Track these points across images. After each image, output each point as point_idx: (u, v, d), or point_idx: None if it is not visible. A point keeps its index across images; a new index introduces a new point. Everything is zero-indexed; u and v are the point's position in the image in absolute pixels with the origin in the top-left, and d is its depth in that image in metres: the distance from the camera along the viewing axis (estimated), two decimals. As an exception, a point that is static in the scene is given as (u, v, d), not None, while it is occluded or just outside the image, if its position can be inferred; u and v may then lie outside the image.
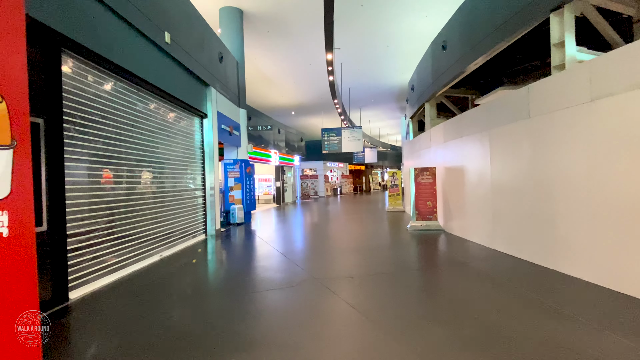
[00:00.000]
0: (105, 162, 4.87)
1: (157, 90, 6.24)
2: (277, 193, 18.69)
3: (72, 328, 3.29)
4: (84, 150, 4.47)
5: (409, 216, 11.43)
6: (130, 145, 5.50)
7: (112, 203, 5.05)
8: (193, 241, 7.70)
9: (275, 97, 20.97)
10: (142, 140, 5.90)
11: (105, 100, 4.90)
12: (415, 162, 11.22)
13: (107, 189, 4.95)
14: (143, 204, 5.88)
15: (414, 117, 14.11)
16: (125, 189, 5.33)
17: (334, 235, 8.52)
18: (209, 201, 8.57)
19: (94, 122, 4.64)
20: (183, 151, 7.55)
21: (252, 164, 11.51)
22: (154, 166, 6.25)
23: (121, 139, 5.24)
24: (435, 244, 6.88)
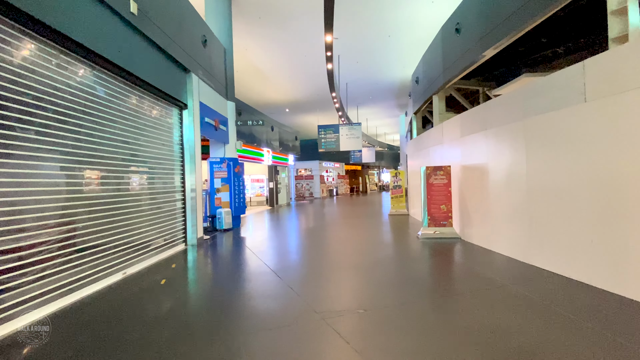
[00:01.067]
0: (50, 159, 3.70)
1: (123, 72, 5.09)
2: (270, 194, 17.54)
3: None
4: (17, 142, 3.30)
5: (414, 220, 10.36)
6: (88, 138, 4.34)
7: (63, 210, 3.89)
8: (169, 253, 6.53)
9: (269, 93, 19.81)
10: (103, 133, 4.74)
11: (45, 77, 3.74)
12: (422, 161, 10.17)
13: (52, 192, 3.78)
14: (105, 209, 4.72)
15: (418, 113, 13.07)
16: (79, 192, 4.17)
17: (334, 245, 7.41)
18: (189, 205, 7.41)
19: (29, 105, 3.47)
20: (158, 147, 6.39)
21: (241, 163, 10.36)
22: (119, 164, 5.09)
23: (73, 129, 4.07)
24: (455, 257, 5.79)
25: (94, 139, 4.60)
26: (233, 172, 9.92)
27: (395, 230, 9.08)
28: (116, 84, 5.21)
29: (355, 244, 7.20)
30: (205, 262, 6.15)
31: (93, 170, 4.61)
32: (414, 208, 11.42)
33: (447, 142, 7.99)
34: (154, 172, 6.24)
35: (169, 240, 6.67)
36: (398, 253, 6.33)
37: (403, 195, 12.16)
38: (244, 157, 13.50)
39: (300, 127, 28.47)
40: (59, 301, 3.79)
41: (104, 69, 4.87)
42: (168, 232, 6.67)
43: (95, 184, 4.66)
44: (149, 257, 5.84)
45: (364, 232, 8.91)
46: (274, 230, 9.79)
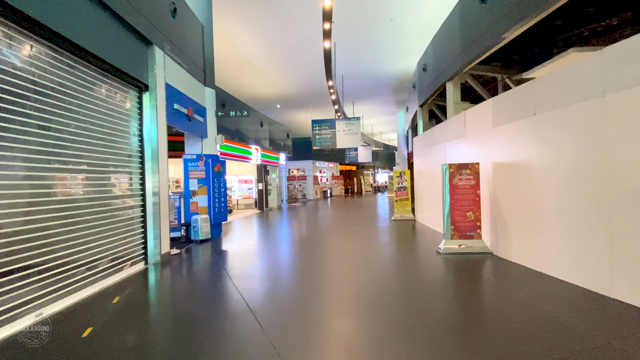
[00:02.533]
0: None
1: (52, 35, 3.54)
2: (259, 197, 15.97)
3: None
4: None
5: (424, 227, 8.91)
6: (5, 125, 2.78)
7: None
8: (120, 276, 4.95)
9: (258, 86, 18.24)
10: (27, 118, 3.20)
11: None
12: (434, 159, 8.74)
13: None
14: (27, 221, 3.15)
15: (425, 105, 11.66)
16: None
17: (333, 265, 5.90)
18: (150, 213, 5.84)
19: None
20: (107, 139, 4.83)
21: (223, 161, 8.79)
22: (49, 161, 3.52)
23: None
24: (499, 283, 4.33)
25: (12, 126, 3.02)
26: (212, 172, 8.35)
27: (406, 241, 7.61)
28: (49, 55, 3.64)
29: (361, 264, 5.70)
30: (161, 293, 4.58)
31: (10, 169, 3.04)
32: (422, 212, 10.00)
33: (471, 135, 6.55)
34: (101, 171, 4.67)
35: (120, 260, 5.09)
36: (420, 278, 4.84)
37: (409, 197, 10.72)
38: (228, 154, 11.92)
39: (293, 124, 26.92)
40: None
41: (26, 31, 3.31)
42: (119, 249, 5.09)
43: (12, 188, 3.09)
44: (87, 285, 4.26)
45: (369, 244, 7.42)
46: (260, 242, 8.23)
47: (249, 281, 4.77)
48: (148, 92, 5.89)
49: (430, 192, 8.94)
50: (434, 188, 8.55)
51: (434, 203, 8.58)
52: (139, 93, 5.85)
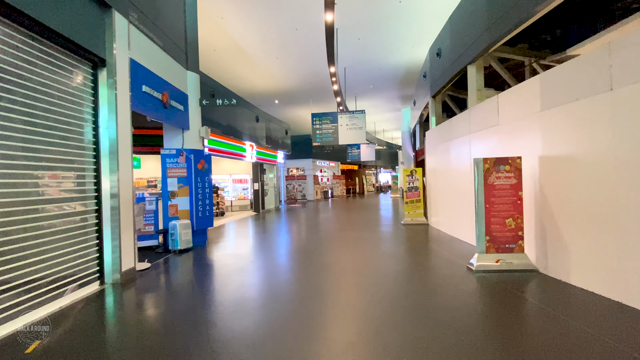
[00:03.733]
0: None
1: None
2: (254, 198, 14.77)
3: None
4: None
5: (440, 234, 7.70)
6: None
7: None
8: (58, 305, 3.74)
9: (253, 79, 17.04)
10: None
11: None
12: (451, 156, 7.53)
13: None
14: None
15: (438, 96, 10.45)
16: None
17: (339, 288, 4.69)
18: (108, 219, 4.64)
19: None
20: (46, 125, 3.63)
21: (207, 156, 7.58)
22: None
23: None
24: (568, 321, 3.11)
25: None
26: (195, 169, 7.15)
27: (424, 252, 6.40)
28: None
29: (375, 287, 4.49)
30: (106, 332, 3.36)
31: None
32: (437, 216, 8.79)
33: (506, 123, 5.34)
34: (38, 167, 3.47)
35: (63, 282, 3.89)
36: (453, 307, 3.62)
37: (421, 199, 9.51)
38: (219, 151, 10.72)
39: (292, 121, 25.71)
40: None
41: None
42: (62, 267, 3.89)
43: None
44: (3, 321, 3.07)
45: (381, 257, 6.21)
46: (251, 253, 7.02)
47: (232, 313, 3.57)
48: (105, 69, 4.69)
49: (448, 193, 7.74)
50: (453, 188, 7.35)
51: (453, 206, 7.38)
52: (93, 69, 4.65)
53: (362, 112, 12.07)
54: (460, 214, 6.98)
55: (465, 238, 6.80)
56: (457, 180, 7.15)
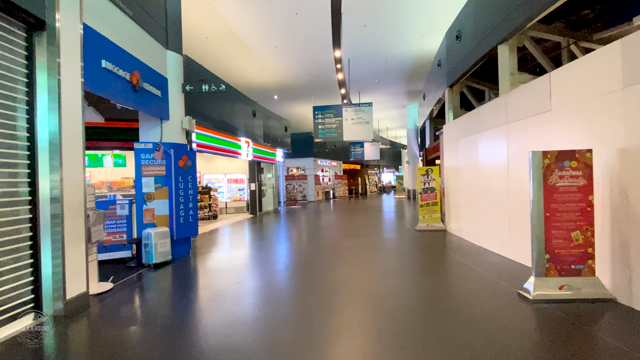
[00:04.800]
0: None
1: None
2: (251, 199, 13.63)
3: None
4: None
5: (464, 243, 6.55)
6: None
7: None
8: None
9: (251, 71, 15.91)
10: None
11: None
12: (477, 151, 6.40)
13: None
14: None
15: (456, 86, 9.31)
16: None
17: (353, 322, 3.56)
18: (47, 231, 3.51)
19: None
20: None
21: (192, 152, 6.44)
22: None
23: None
24: None
25: None
26: (175, 167, 6.02)
27: (452, 269, 5.25)
28: None
29: (397, 322, 3.35)
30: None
31: None
32: (457, 222, 7.66)
33: (564, 107, 4.19)
34: None
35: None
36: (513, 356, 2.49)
37: (438, 202, 8.36)
38: (210, 147, 9.59)
39: (292, 118, 24.58)
40: None
41: None
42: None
43: None
44: None
45: (400, 275, 5.06)
46: (243, 268, 5.89)
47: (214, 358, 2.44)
48: (45, 34, 3.55)
49: (474, 196, 6.61)
50: (482, 190, 6.21)
51: (481, 210, 6.24)
52: (29, 34, 3.52)
53: (369, 105, 10.93)
54: (492, 221, 5.84)
55: (500, 250, 5.66)
56: (488, 180, 6.02)
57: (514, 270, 4.74)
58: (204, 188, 11.72)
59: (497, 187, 5.67)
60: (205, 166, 14.16)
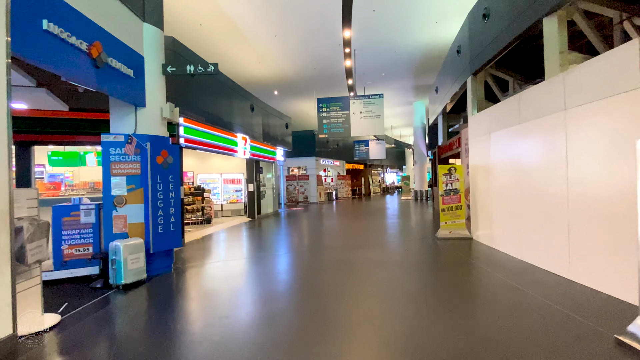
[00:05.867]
0: None
1: None
2: (249, 201, 12.53)
3: None
4: None
5: (500, 256, 5.43)
6: None
7: None
8: None
9: (249, 64, 14.81)
10: None
11: None
12: (518, 147, 5.30)
13: None
14: None
15: (481, 74, 8.21)
16: None
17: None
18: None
19: None
20: None
21: (174, 146, 5.34)
22: None
23: None
24: None
25: None
26: (153, 164, 4.93)
27: (501, 293, 4.13)
28: None
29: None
30: None
31: None
32: (486, 229, 6.57)
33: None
34: None
35: None
36: None
37: (462, 205, 7.27)
38: (201, 143, 8.50)
39: (293, 115, 23.50)
40: None
41: None
42: None
43: None
44: None
45: (435, 307, 3.96)
46: (233, 292, 4.80)
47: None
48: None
49: (513, 199, 5.51)
50: (527, 192, 5.11)
51: (527, 217, 5.14)
52: None
53: (380, 97, 9.83)
54: (543, 231, 4.74)
55: (554, 268, 4.55)
56: (536, 180, 4.92)
57: (586, 299, 3.64)
58: (197, 189, 10.64)
59: (549, 189, 4.58)
60: (199, 165, 13.07)
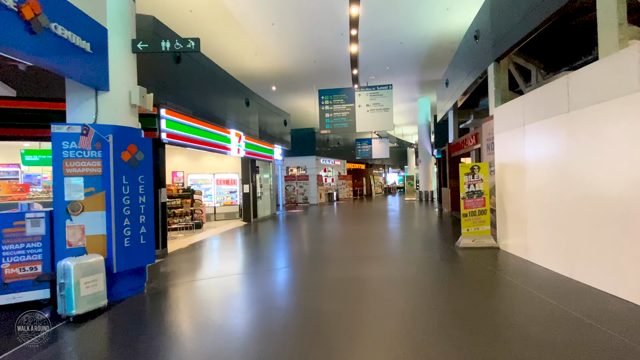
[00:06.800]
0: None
1: None
2: (244, 203, 11.57)
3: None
4: None
5: (540, 271, 4.45)
6: None
7: None
8: None
9: (245, 56, 13.84)
10: None
11: None
12: (564, 140, 4.35)
13: None
14: None
15: (504, 60, 7.26)
16: None
17: None
18: None
19: None
20: None
21: (145, 140, 4.35)
22: None
23: None
24: None
25: None
26: (118, 162, 3.96)
27: (559, 331, 3.16)
28: None
29: None
30: None
31: None
32: (518, 238, 5.62)
33: None
34: None
35: None
36: None
37: (486, 210, 6.31)
38: (188, 139, 7.53)
39: (292, 113, 22.52)
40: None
41: None
42: None
43: None
44: None
45: (475, 351, 2.99)
46: (215, 329, 3.84)
47: None
48: None
49: (561, 204, 4.55)
50: (575, 196, 4.15)
51: (577, 226, 4.18)
52: None
53: (388, 88, 8.89)
54: (614, 244, 3.78)
55: (628, 294, 3.59)
56: (596, 182, 3.96)
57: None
58: (185, 191, 9.66)
59: (615, 192, 3.63)
60: (190, 164, 12.09)
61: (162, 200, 6.51)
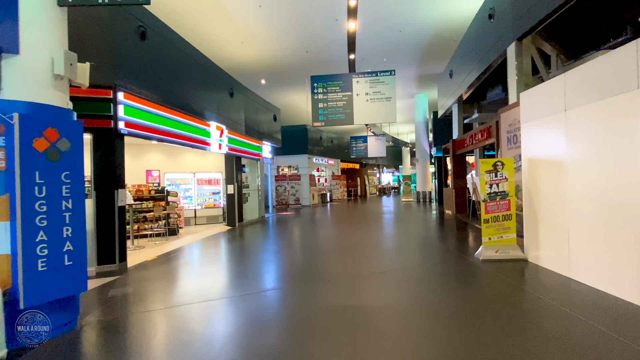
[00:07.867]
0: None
1: None
2: (229, 206, 10.40)
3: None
4: None
5: (576, 290, 3.40)
6: None
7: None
8: None
9: (232, 45, 12.65)
10: None
11: None
12: (613, 136, 3.33)
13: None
14: None
15: (527, 40, 6.25)
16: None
17: None
18: None
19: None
20: None
21: (74, 123, 3.21)
22: None
23: None
24: None
25: None
26: (27, 152, 2.81)
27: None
28: None
29: None
30: None
31: None
32: (553, 249, 4.61)
33: None
34: None
35: None
36: None
37: (512, 215, 5.28)
38: (154, 130, 6.36)
39: (283, 109, 21.35)
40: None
41: None
42: None
43: None
44: None
45: None
46: None
47: None
48: None
49: (623, 210, 3.53)
50: (630, 198, 3.13)
51: (632, 233, 3.16)
52: None
53: (391, 74, 7.84)
54: None
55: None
56: None
57: None
58: (158, 192, 8.47)
59: None
60: (167, 162, 10.88)
61: (120, 203, 5.33)
